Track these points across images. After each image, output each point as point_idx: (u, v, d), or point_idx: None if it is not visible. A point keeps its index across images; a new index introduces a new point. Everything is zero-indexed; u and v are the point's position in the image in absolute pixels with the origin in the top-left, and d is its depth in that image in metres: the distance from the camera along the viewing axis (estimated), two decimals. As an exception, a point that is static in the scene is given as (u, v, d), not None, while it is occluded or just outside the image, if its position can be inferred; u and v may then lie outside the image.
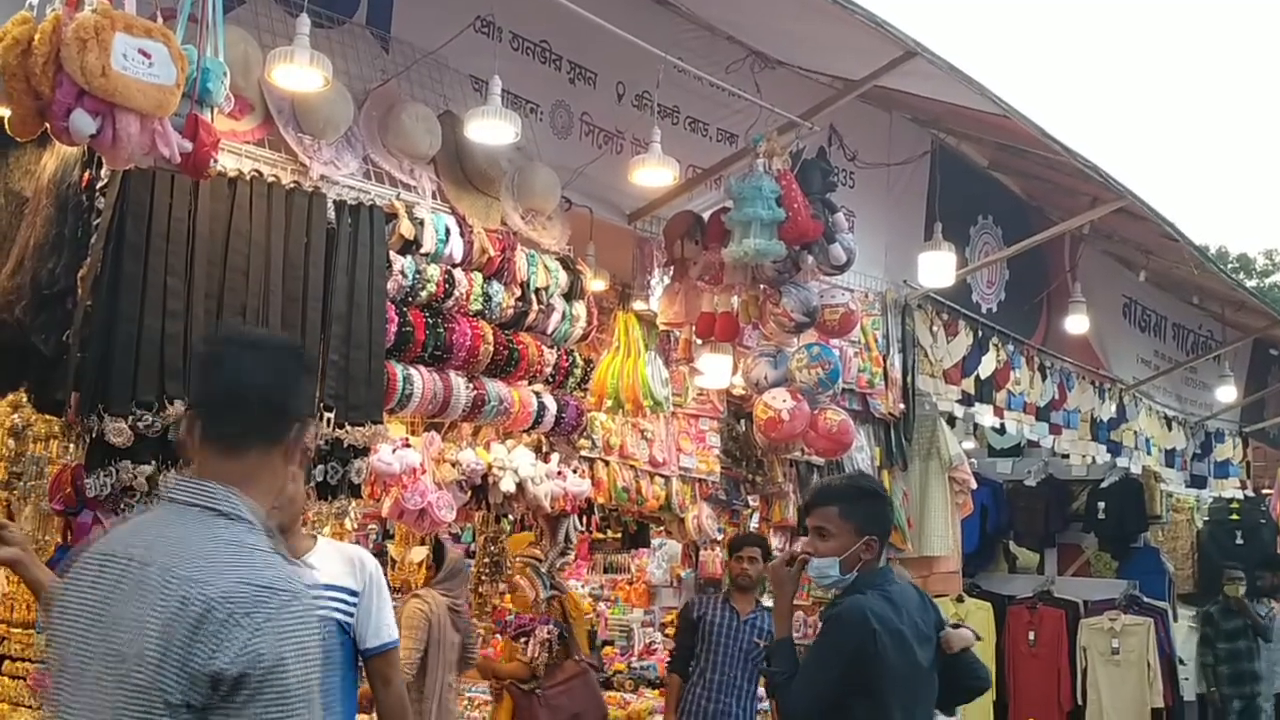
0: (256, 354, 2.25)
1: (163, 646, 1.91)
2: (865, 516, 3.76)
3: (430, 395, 4.75)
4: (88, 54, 3.16)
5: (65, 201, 4.00)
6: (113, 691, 1.93)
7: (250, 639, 1.93)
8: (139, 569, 2.00)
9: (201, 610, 1.93)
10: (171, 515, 2.11)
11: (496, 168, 5.24)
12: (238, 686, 1.91)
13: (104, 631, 1.99)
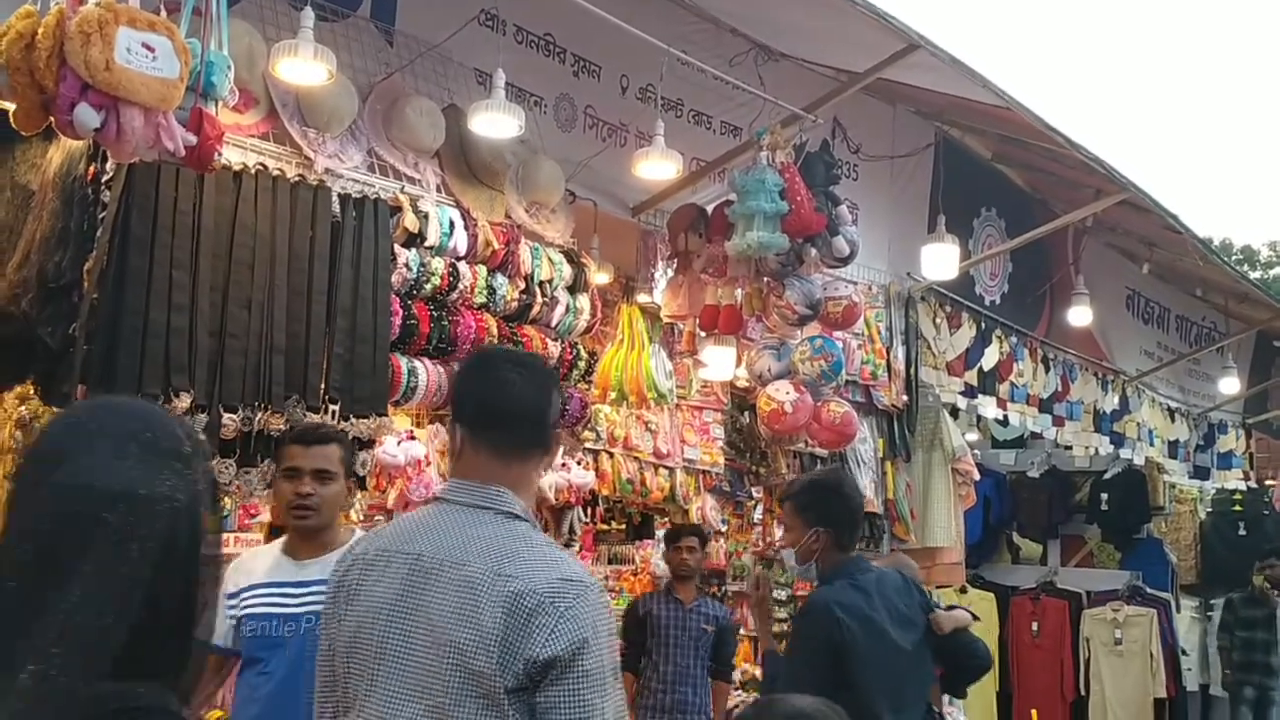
0: (526, 373, 2.45)
1: (501, 636, 2.13)
2: (815, 511, 3.93)
3: (435, 388, 4.76)
4: (91, 48, 3.17)
5: (71, 195, 4.01)
6: (448, 676, 2.15)
7: (563, 625, 2.15)
8: (453, 568, 2.23)
9: (532, 604, 2.15)
10: (464, 517, 2.32)
11: (501, 161, 5.24)
12: (548, 668, 2.12)
13: (421, 621, 2.21)
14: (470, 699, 2.14)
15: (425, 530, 2.34)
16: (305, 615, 3.19)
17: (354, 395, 4.45)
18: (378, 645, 2.24)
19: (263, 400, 4.19)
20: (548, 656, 2.13)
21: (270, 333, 4.26)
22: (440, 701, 2.16)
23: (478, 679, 2.14)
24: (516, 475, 2.38)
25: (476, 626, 2.16)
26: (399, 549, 2.31)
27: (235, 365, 4.15)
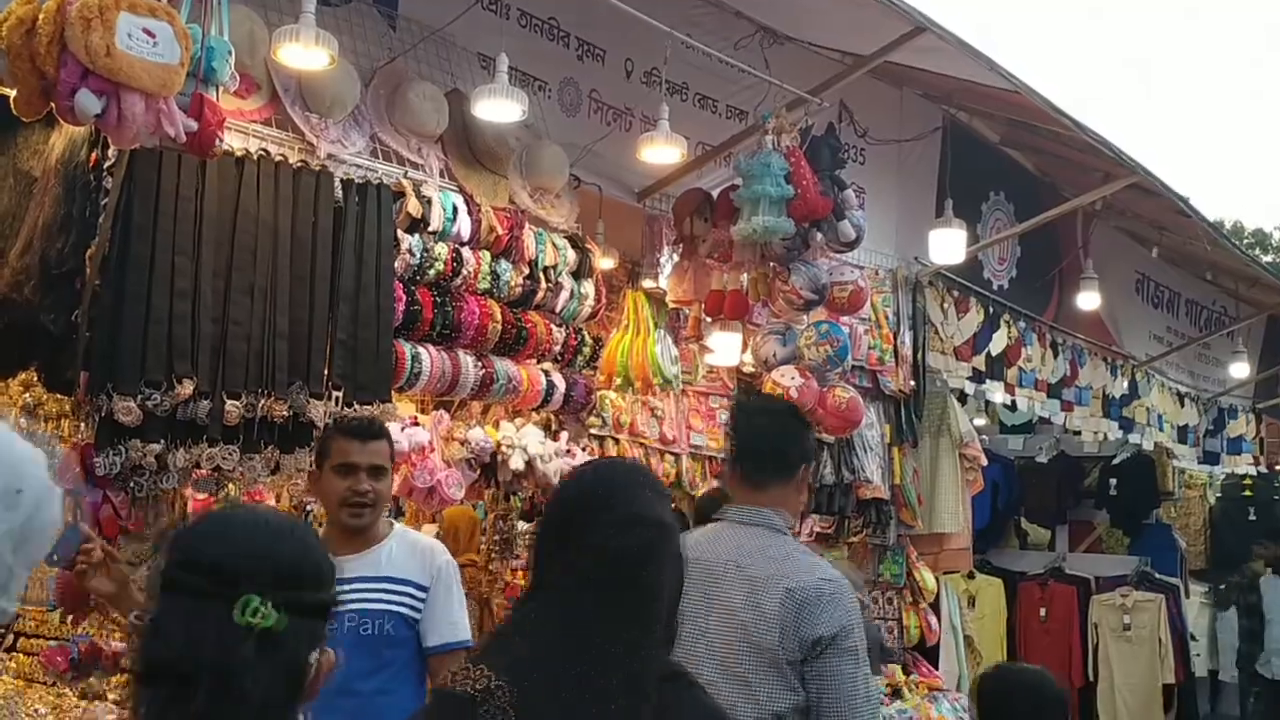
0: (772, 417, 3.27)
1: (781, 623, 2.88)
2: None
3: (439, 374, 4.75)
4: (92, 33, 3.16)
5: (73, 181, 4.01)
6: (738, 647, 2.90)
7: (827, 614, 2.88)
8: (736, 570, 2.98)
9: (802, 597, 2.89)
10: (740, 532, 3.08)
11: (504, 146, 5.23)
12: (817, 645, 2.85)
13: (716, 609, 2.95)
14: (760, 665, 2.89)
15: (713, 542, 3.09)
16: (345, 614, 3.08)
17: (357, 381, 4.45)
18: (686, 631, 2.72)
19: (266, 386, 4.18)
20: (817, 636, 2.86)
21: (273, 319, 4.24)
22: (733, 666, 2.91)
23: (762, 650, 2.89)
24: (775, 497, 3.13)
25: (760, 612, 2.91)
26: (695, 557, 2.78)
27: (238, 351, 4.15)
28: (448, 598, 3.29)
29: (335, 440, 3.34)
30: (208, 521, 1.68)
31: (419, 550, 3.33)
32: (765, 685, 2.87)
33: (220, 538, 1.59)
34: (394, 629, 3.19)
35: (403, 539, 3.34)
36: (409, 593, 3.20)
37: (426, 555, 3.33)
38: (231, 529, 1.62)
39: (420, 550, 3.34)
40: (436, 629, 3.24)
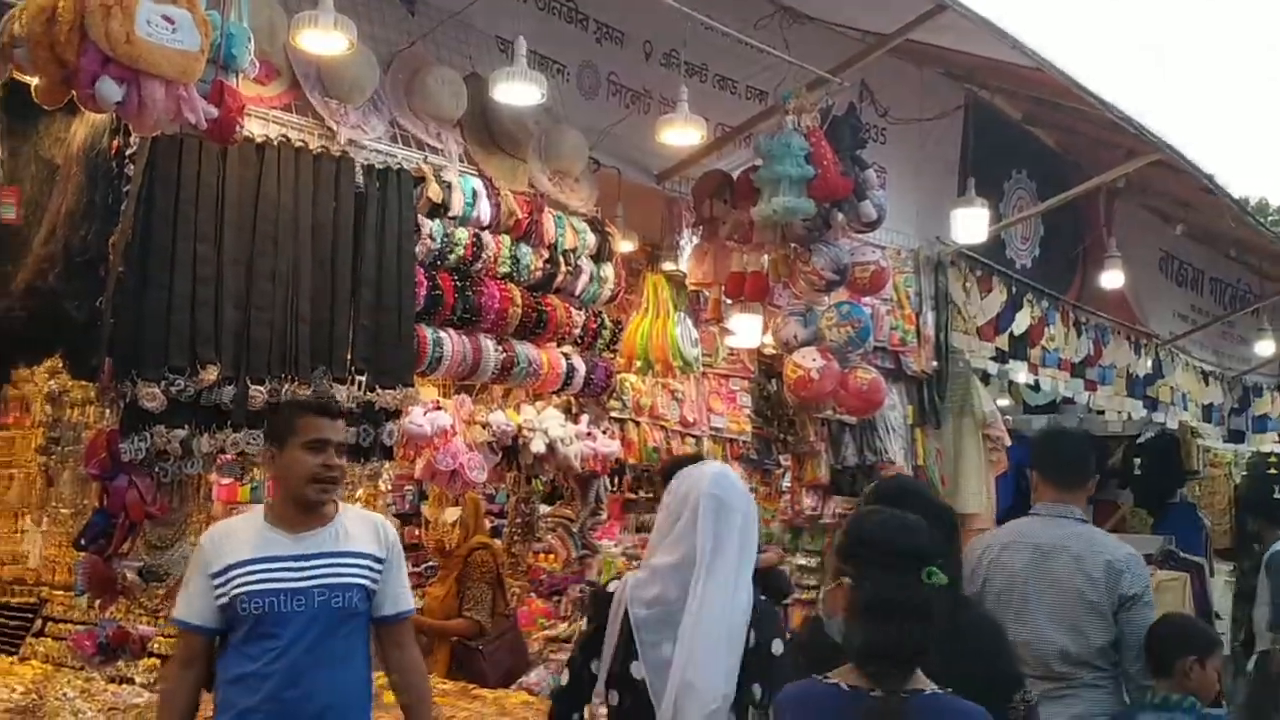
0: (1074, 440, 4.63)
1: (1104, 583, 4.02)
2: None
3: (460, 358, 4.77)
4: (111, 21, 3.16)
5: (96, 169, 4.03)
6: (1073, 605, 4.02)
7: (1135, 578, 4.05)
8: (1063, 549, 4.09)
9: (1119, 567, 4.03)
10: (1058, 524, 4.19)
11: (523, 129, 5.23)
12: (1126, 599, 4.00)
13: (1048, 577, 4.07)
14: (1087, 614, 4.02)
15: (1040, 530, 4.19)
16: (315, 589, 3.21)
17: (380, 366, 4.47)
18: (1021, 591, 4.08)
19: (289, 371, 4.21)
20: (1129, 594, 4.00)
21: (295, 304, 4.26)
22: (1065, 615, 4.03)
23: (1090, 604, 4.02)
24: (1076, 498, 4.26)
25: (1089, 578, 4.03)
26: (1023, 540, 4.18)
27: (261, 337, 4.17)
28: (399, 567, 3.40)
29: (303, 417, 3.35)
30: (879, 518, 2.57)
31: (369, 524, 3.42)
32: (1091, 627, 4.02)
33: (900, 529, 2.49)
34: (359, 601, 3.28)
35: (350, 514, 3.44)
36: (368, 565, 3.31)
37: (378, 528, 3.41)
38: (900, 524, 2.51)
39: (371, 524, 3.43)
40: (393, 598, 3.35)
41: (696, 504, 3.03)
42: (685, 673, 2.90)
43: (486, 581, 5.91)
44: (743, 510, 3.09)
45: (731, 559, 3.00)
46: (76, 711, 4.28)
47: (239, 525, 3.42)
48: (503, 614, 5.97)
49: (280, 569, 3.20)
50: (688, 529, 3.02)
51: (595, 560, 6.47)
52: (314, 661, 3.16)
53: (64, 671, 5.05)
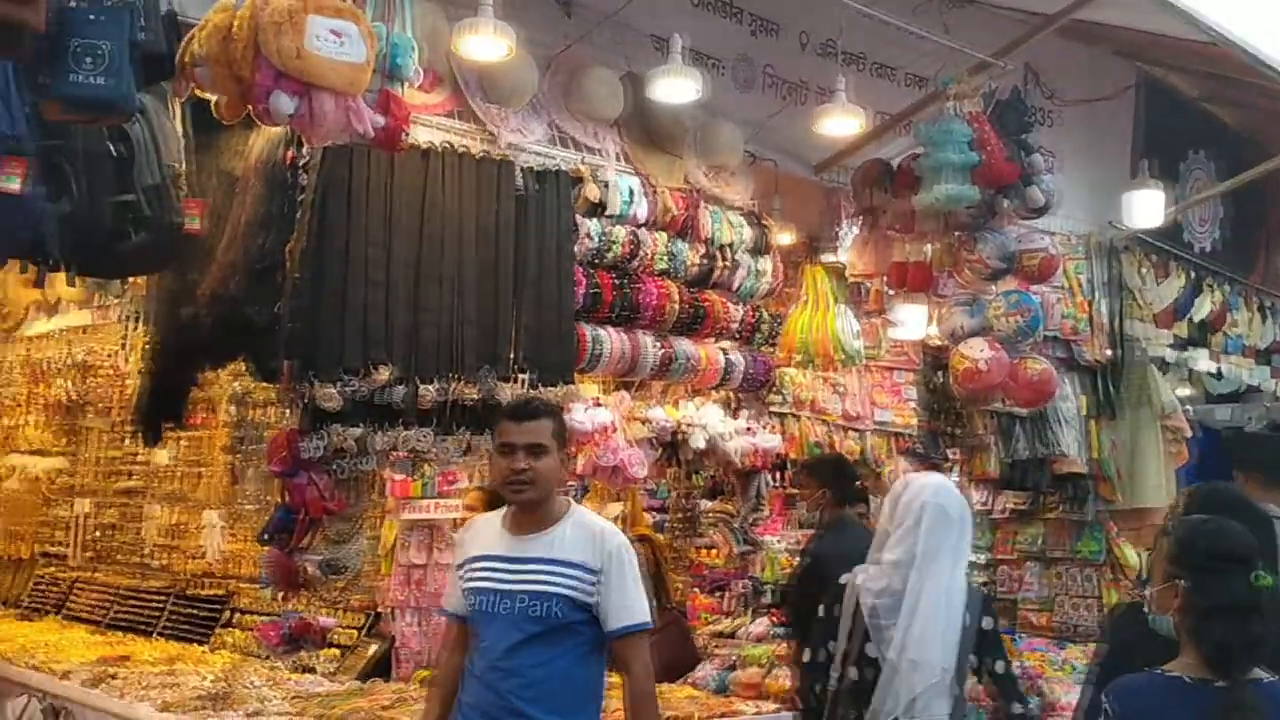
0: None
1: None
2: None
3: (619, 355, 4.83)
4: (283, 37, 3.30)
5: (272, 180, 4.22)
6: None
7: None
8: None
9: None
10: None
11: (680, 126, 5.25)
12: None
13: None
14: None
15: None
16: (520, 593, 3.14)
17: (542, 364, 4.56)
18: None
19: (456, 371, 4.33)
20: None
21: (461, 306, 4.39)
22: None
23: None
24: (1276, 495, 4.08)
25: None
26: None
27: (430, 338, 4.30)
28: (621, 581, 3.21)
29: (500, 422, 3.39)
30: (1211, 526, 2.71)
31: (592, 533, 3.26)
32: None
33: (1229, 536, 2.65)
34: (561, 611, 3.14)
35: (577, 521, 3.29)
36: (578, 575, 3.13)
37: (598, 539, 3.25)
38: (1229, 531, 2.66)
39: (593, 533, 3.27)
40: (615, 613, 3.18)
41: (919, 510, 3.59)
42: (910, 651, 3.48)
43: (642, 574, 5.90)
44: (958, 515, 3.65)
45: (947, 556, 3.57)
46: (263, 699, 4.47)
47: (488, 520, 3.36)
48: (665, 607, 5.97)
49: (497, 569, 3.17)
50: (910, 531, 3.59)
51: (758, 556, 6.44)
52: (509, 667, 3.06)
53: (251, 660, 5.29)
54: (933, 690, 3.47)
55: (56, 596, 6.94)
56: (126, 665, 5.09)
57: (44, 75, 3.09)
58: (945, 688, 3.49)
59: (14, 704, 4.80)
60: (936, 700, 3.48)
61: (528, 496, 3.21)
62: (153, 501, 6.69)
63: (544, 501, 3.22)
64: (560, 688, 3.13)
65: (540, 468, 3.17)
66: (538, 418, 3.25)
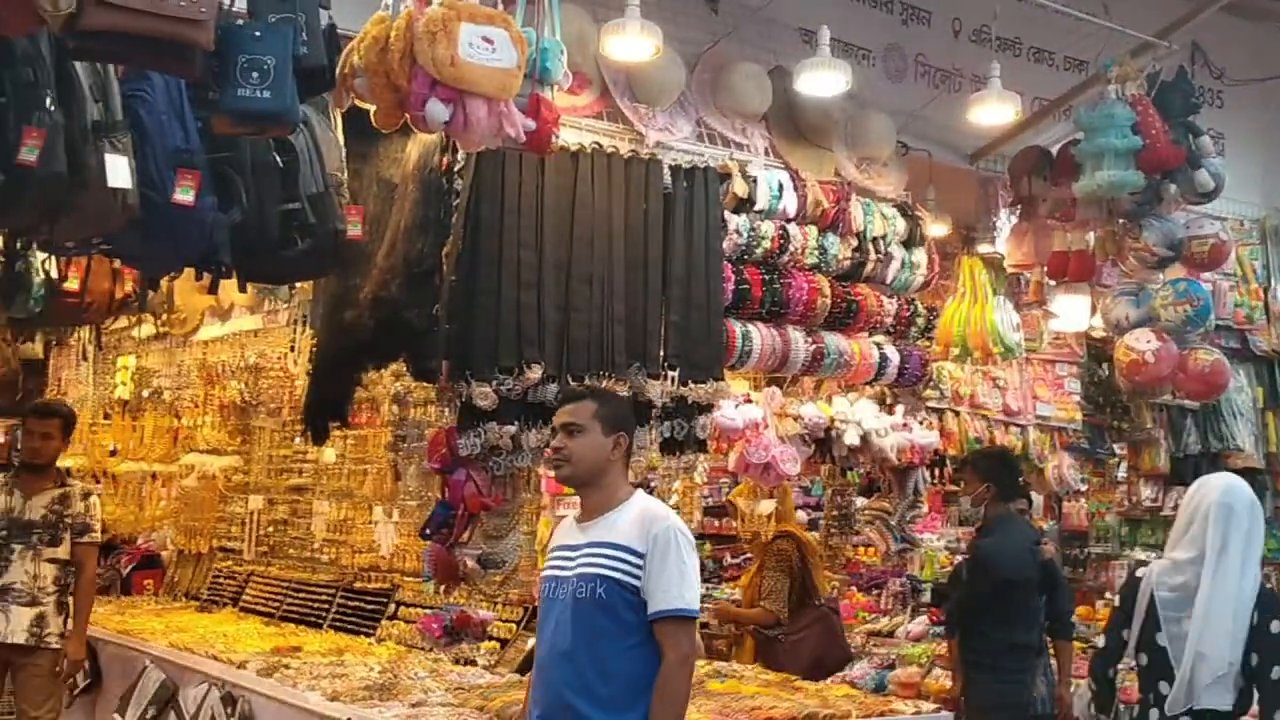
0: None
1: None
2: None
3: (769, 351, 4.81)
4: (437, 46, 3.39)
5: (428, 185, 4.33)
6: None
7: None
8: None
9: None
10: None
11: (828, 119, 5.21)
12: None
13: None
14: None
15: None
16: (573, 578, 3.15)
17: (690, 361, 4.58)
18: None
19: (606, 369, 4.39)
20: None
21: (610, 305, 4.44)
22: None
23: None
24: None
25: None
26: None
27: (580, 337, 4.37)
28: (663, 565, 3.12)
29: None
30: None
31: (640, 515, 3.20)
32: None
33: None
34: (605, 593, 3.11)
35: (634, 506, 3.24)
36: (623, 558, 3.10)
37: (646, 522, 3.19)
38: None
39: (643, 517, 3.21)
40: (654, 597, 3.11)
41: (1209, 510, 3.80)
42: (1199, 644, 3.70)
43: (783, 570, 5.84)
44: (1247, 514, 3.83)
45: (1236, 554, 3.76)
46: (426, 690, 4.59)
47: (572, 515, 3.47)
48: (813, 605, 5.92)
49: (561, 556, 3.21)
50: (1200, 530, 3.80)
51: (916, 554, 6.35)
52: (563, 651, 3.06)
53: (414, 652, 5.45)
54: (1219, 683, 3.69)
55: (233, 589, 7.26)
56: (298, 656, 5.30)
57: (213, 91, 3.23)
58: (1230, 680, 3.70)
59: (195, 691, 5.04)
60: (1222, 692, 3.70)
61: (563, 474, 3.30)
62: (321, 498, 6.94)
63: (590, 484, 3.24)
64: (608, 680, 3.09)
65: (574, 446, 3.20)
66: (579, 399, 3.29)
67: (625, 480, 3.28)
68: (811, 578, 5.89)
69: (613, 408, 3.30)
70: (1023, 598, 5.04)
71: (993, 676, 4.98)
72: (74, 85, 3.51)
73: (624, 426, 3.27)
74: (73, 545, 5.43)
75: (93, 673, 6.05)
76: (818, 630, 5.81)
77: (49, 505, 5.41)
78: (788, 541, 5.93)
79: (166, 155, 3.63)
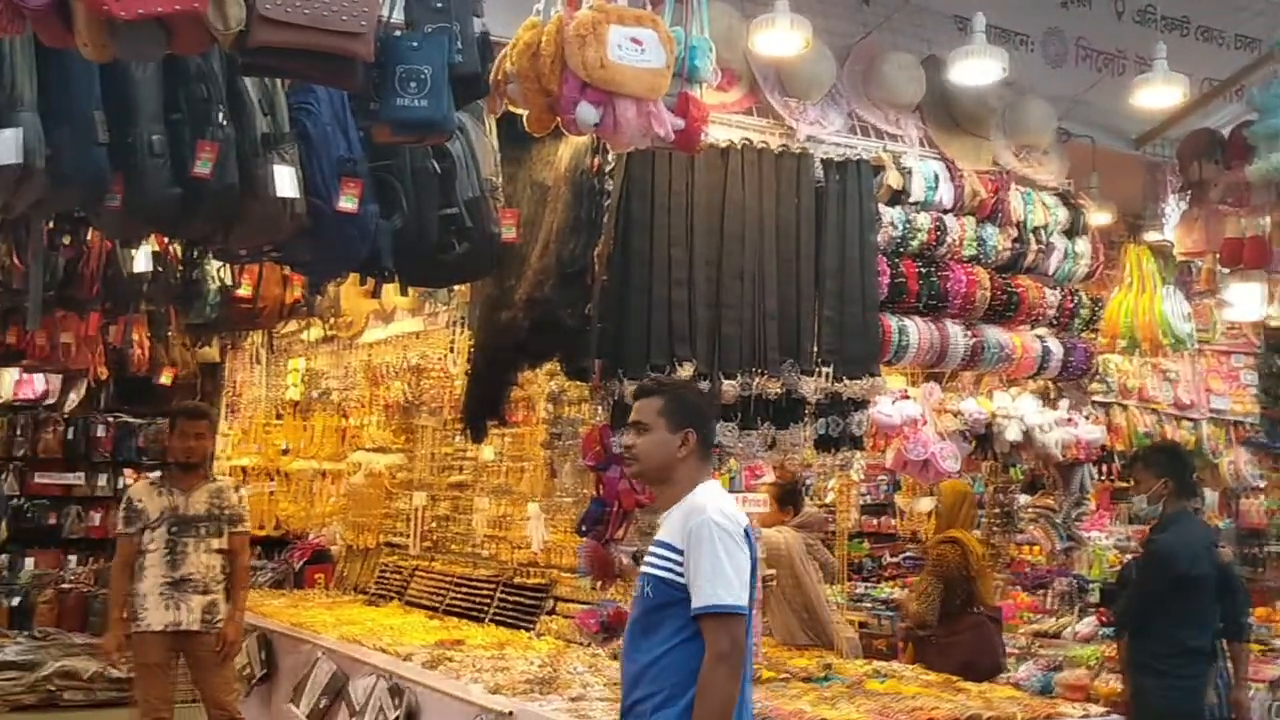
0: None
1: None
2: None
3: (926, 345, 4.74)
4: (587, 49, 3.43)
5: (580, 187, 4.38)
6: None
7: None
8: None
9: None
10: None
11: (985, 107, 5.09)
12: None
13: None
14: None
15: None
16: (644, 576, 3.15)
17: (845, 357, 4.53)
18: None
19: (758, 366, 4.37)
20: None
21: (762, 301, 4.43)
22: None
23: None
24: None
25: None
26: None
27: (731, 334, 4.36)
28: (698, 560, 3.05)
29: None
30: None
31: (685, 511, 3.15)
32: None
33: None
34: (652, 591, 3.10)
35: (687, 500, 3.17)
36: (667, 555, 3.08)
37: (686, 516, 3.13)
38: None
39: (686, 511, 3.15)
40: (693, 594, 3.05)
41: None
42: None
43: (936, 575, 5.72)
44: None
45: None
46: (586, 684, 4.65)
47: None
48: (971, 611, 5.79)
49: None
50: None
51: (1082, 553, 6.15)
52: (625, 649, 3.14)
53: (573, 647, 5.52)
54: None
55: (398, 584, 7.48)
56: (461, 649, 5.44)
57: (374, 101, 3.34)
58: None
59: (364, 682, 5.22)
60: None
61: (634, 471, 3.32)
62: (481, 495, 7.10)
63: (661, 481, 3.24)
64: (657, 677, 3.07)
65: (640, 444, 3.19)
66: (647, 396, 3.28)
67: (699, 475, 3.21)
68: (974, 585, 5.75)
69: (680, 403, 3.24)
70: (1198, 598, 4.84)
71: (1164, 681, 4.79)
72: (244, 100, 3.69)
73: (693, 422, 3.19)
74: (229, 535, 5.74)
75: (268, 664, 6.33)
76: (970, 637, 5.68)
77: (208, 500, 5.71)
78: (951, 547, 5.78)
79: (331, 165, 3.79)
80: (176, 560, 5.57)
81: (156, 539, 5.58)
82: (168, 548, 5.57)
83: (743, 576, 3.05)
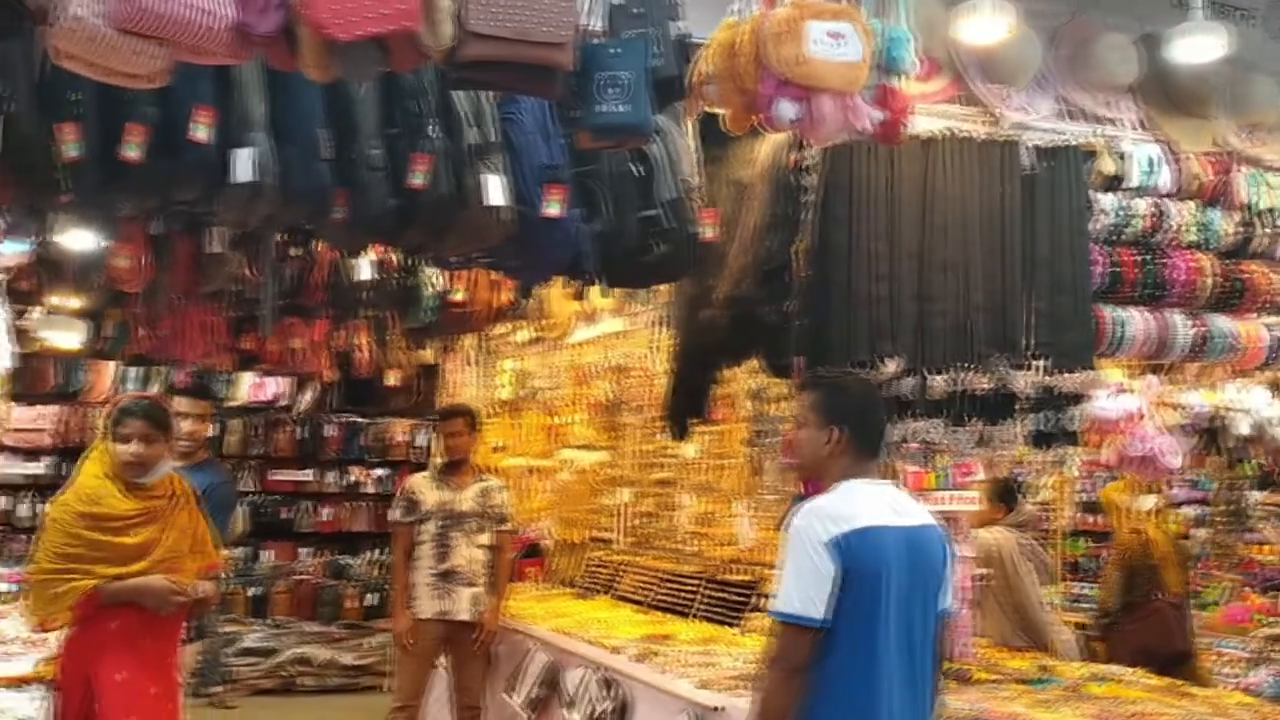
0: None
1: None
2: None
3: (1145, 336, 4.55)
4: (784, 46, 3.43)
5: (778, 184, 4.40)
6: None
7: None
8: None
9: None
10: None
11: (1205, 85, 4.84)
12: None
13: None
14: None
15: None
16: None
17: (1058, 349, 4.39)
18: None
19: (966, 360, 4.28)
20: None
21: (968, 293, 4.33)
22: None
23: None
24: None
25: None
26: None
27: (937, 328, 4.28)
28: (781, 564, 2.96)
29: None
30: None
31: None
32: None
33: None
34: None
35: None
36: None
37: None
38: None
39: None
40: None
41: None
42: None
43: (1117, 564, 5.87)
44: None
45: None
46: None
47: None
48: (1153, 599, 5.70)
49: None
50: None
51: (1321, 553, 5.80)
52: None
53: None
54: None
55: (606, 578, 7.62)
56: (668, 644, 5.50)
57: (575, 109, 3.43)
58: None
59: (576, 674, 5.34)
60: None
61: (794, 467, 3.21)
62: (684, 492, 7.16)
63: (816, 478, 3.13)
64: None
65: (798, 439, 3.13)
66: (806, 391, 3.22)
67: (851, 474, 3.05)
68: (1157, 573, 5.69)
69: (832, 399, 3.13)
70: None
71: None
72: (454, 113, 3.84)
73: (844, 419, 3.06)
74: (495, 533, 6.01)
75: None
76: (1149, 623, 5.71)
77: (476, 497, 5.98)
78: (1133, 536, 5.89)
79: (535, 172, 3.91)
80: (444, 553, 5.87)
81: (428, 531, 5.89)
82: (437, 540, 5.87)
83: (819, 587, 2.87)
